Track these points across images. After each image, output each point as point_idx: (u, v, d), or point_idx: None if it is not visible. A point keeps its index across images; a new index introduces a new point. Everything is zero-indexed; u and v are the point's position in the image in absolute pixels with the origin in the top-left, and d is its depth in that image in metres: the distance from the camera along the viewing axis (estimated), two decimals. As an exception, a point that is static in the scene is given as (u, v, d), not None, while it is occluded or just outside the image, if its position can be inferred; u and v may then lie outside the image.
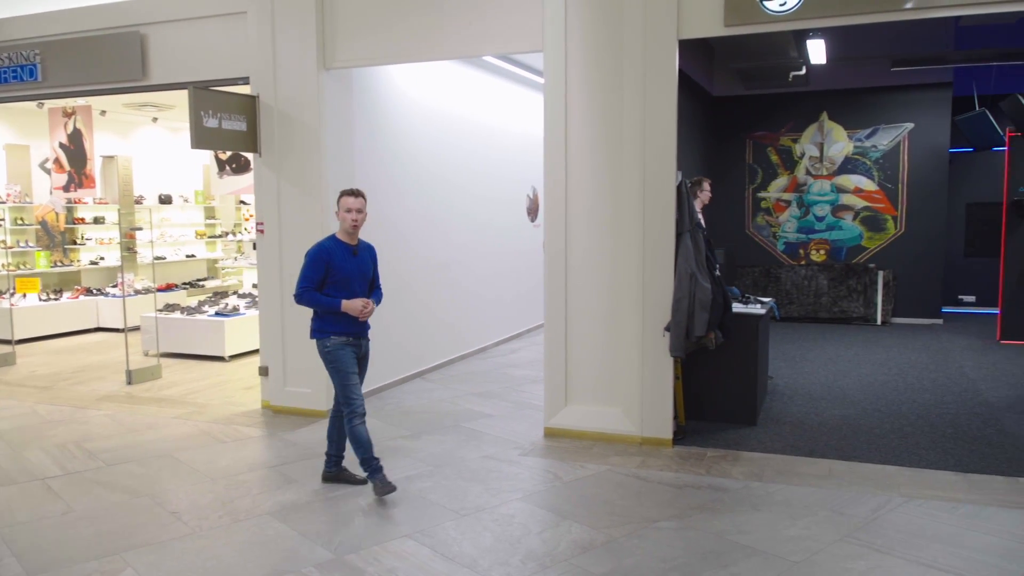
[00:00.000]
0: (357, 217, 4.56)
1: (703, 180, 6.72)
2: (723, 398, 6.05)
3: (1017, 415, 6.20)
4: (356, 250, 4.63)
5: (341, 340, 4.59)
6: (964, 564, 3.66)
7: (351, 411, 4.54)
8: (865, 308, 10.95)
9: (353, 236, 4.62)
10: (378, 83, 7.19)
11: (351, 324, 4.60)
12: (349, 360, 4.59)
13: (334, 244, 4.59)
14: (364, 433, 4.56)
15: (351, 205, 4.54)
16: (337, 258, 4.54)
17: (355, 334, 4.65)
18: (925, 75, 10.62)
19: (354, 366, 4.62)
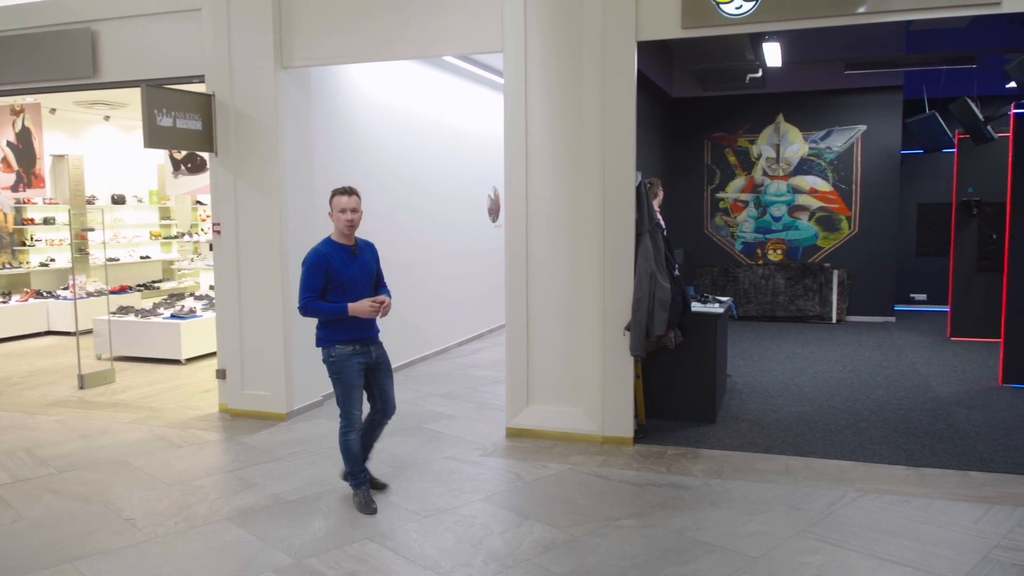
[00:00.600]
0: (352, 217, 4.30)
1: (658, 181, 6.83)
2: (683, 397, 6.12)
3: (966, 410, 6.37)
4: (355, 250, 4.38)
5: (347, 350, 4.33)
6: (916, 556, 3.75)
7: (348, 423, 4.35)
8: (821, 307, 11.15)
9: (350, 237, 4.37)
10: (338, 83, 7.13)
11: (357, 330, 4.34)
12: (354, 372, 4.34)
13: (331, 248, 4.33)
14: (356, 446, 4.40)
15: (344, 204, 4.28)
16: (336, 262, 4.29)
17: (363, 340, 4.38)
18: (877, 78, 10.87)
19: (359, 378, 4.37)
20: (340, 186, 4.39)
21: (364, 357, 4.38)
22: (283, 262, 6.21)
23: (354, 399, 4.35)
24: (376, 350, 4.46)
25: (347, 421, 4.35)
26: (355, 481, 4.45)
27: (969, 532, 4.03)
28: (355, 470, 4.43)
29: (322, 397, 6.76)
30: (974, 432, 5.76)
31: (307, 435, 5.88)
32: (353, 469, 4.43)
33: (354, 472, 4.44)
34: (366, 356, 4.39)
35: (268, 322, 6.28)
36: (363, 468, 4.48)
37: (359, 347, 4.35)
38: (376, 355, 4.45)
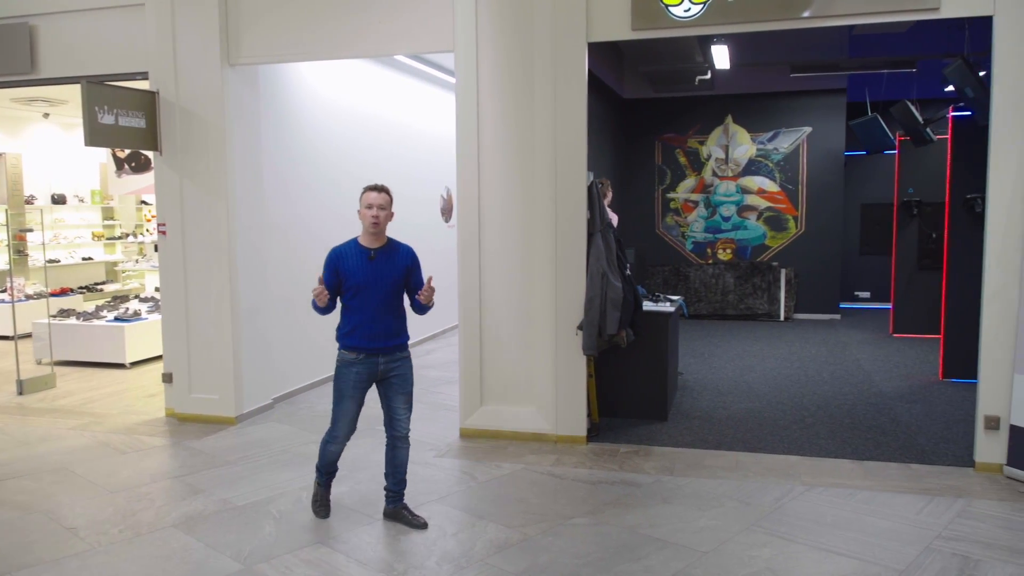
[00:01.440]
0: (379, 215, 4.02)
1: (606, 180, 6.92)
2: (635, 395, 6.17)
3: (908, 404, 6.56)
4: (374, 254, 4.06)
5: (350, 357, 4.05)
6: (861, 548, 3.84)
7: (330, 433, 4.16)
8: (769, 305, 11.36)
9: (375, 237, 4.08)
10: (288, 81, 7.03)
11: (364, 338, 4.02)
12: (348, 383, 4.05)
13: (349, 248, 4.09)
14: (331, 455, 4.22)
15: (372, 201, 4.03)
16: (348, 263, 4.02)
17: (369, 350, 4.03)
18: (822, 81, 11.12)
19: (354, 391, 4.06)
20: (372, 183, 4.17)
21: (368, 368, 4.05)
22: (231, 263, 6.10)
23: (342, 411, 4.09)
24: (388, 363, 4.09)
25: (330, 430, 4.17)
26: (319, 479, 4.33)
27: (911, 523, 4.14)
28: (321, 471, 4.30)
29: (272, 400, 6.66)
30: (916, 425, 5.93)
31: (257, 439, 5.78)
32: (320, 466, 4.28)
33: (320, 471, 4.30)
34: (370, 367, 4.05)
35: (216, 324, 6.16)
36: (331, 472, 4.30)
37: (364, 356, 4.04)
38: (386, 368, 4.09)
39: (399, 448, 4.22)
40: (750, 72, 11.15)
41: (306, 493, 4.65)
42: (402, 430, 4.20)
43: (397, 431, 4.20)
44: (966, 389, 6.85)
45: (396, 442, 4.21)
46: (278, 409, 6.62)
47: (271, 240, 6.70)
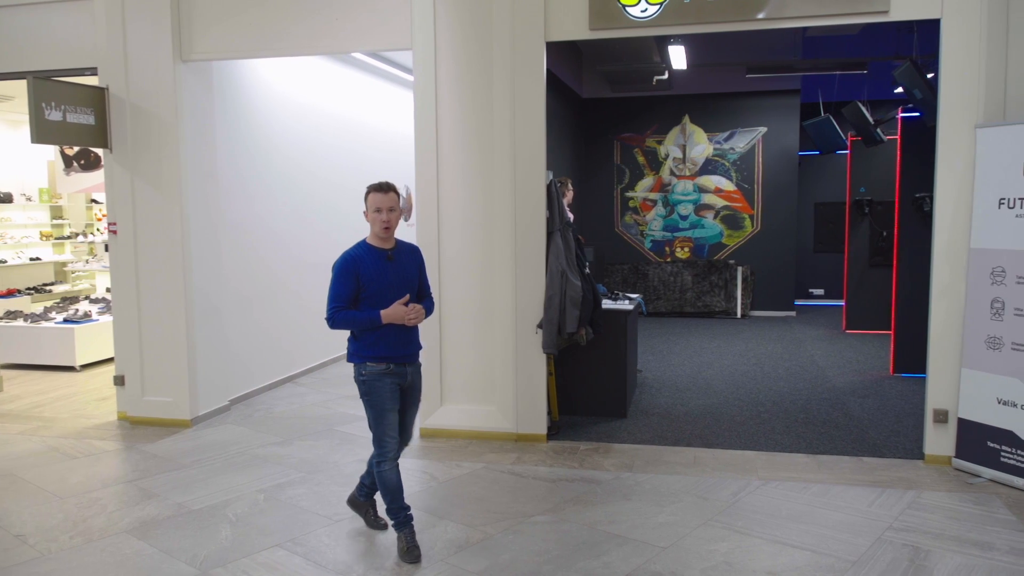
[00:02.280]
0: (389, 218, 3.75)
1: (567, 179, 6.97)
2: (595, 392, 6.21)
3: (860, 399, 6.70)
4: (391, 254, 3.82)
5: (379, 369, 3.75)
6: (815, 540, 3.92)
7: (381, 453, 3.79)
8: (726, 302, 11.52)
9: (387, 240, 3.83)
10: (243, 76, 6.92)
11: (392, 347, 3.76)
12: (387, 394, 3.76)
13: (363, 251, 3.81)
14: (394, 478, 3.80)
15: (380, 203, 3.75)
16: (367, 267, 3.74)
17: (398, 359, 3.79)
18: (776, 82, 11.31)
19: (392, 401, 3.78)
20: (376, 182, 3.86)
21: (399, 378, 3.81)
22: (185, 262, 5.98)
23: (387, 424, 3.78)
24: (413, 373, 3.91)
25: (380, 451, 3.79)
26: (396, 520, 3.83)
27: (864, 515, 4.23)
28: (394, 506, 3.81)
29: (229, 402, 6.55)
30: (868, 419, 6.06)
31: (213, 442, 5.68)
32: (392, 504, 3.81)
33: (393, 509, 3.81)
34: (401, 378, 3.82)
35: (170, 325, 6.04)
36: (403, 506, 3.84)
37: (393, 366, 3.78)
38: (412, 378, 3.90)
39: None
40: (707, 72, 11.29)
41: (264, 495, 4.60)
42: (409, 436, 4.03)
43: (406, 438, 4.00)
44: (916, 383, 7.02)
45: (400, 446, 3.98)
46: (235, 411, 6.52)
47: (226, 239, 6.59)
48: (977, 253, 4.79)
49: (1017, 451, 4.59)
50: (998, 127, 4.67)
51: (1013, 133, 4.59)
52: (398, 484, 3.81)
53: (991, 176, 4.70)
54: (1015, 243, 4.59)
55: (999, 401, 4.69)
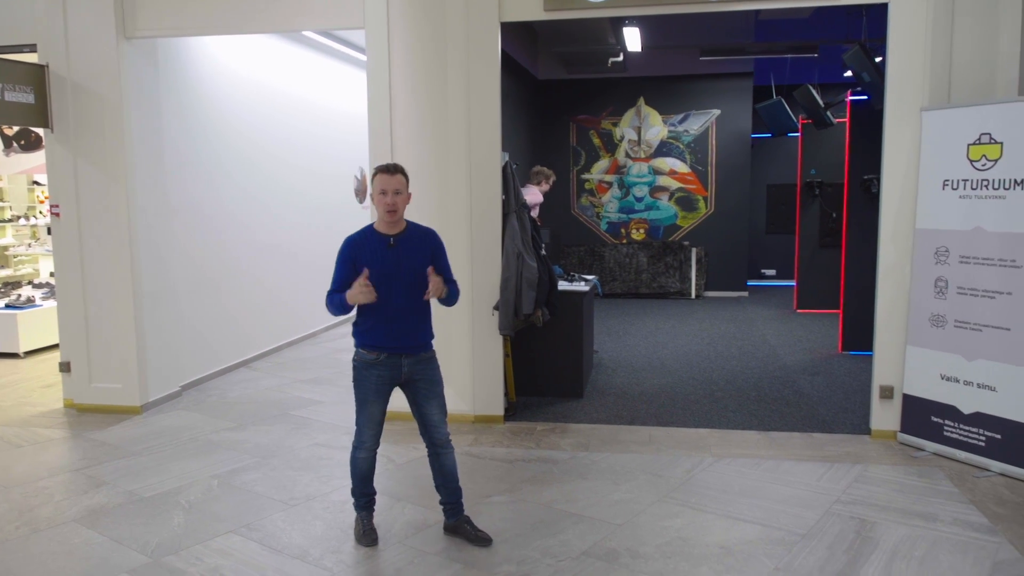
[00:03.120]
0: (394, 201, 3.55)
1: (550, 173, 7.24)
2: (551, 373, 6.24)
3: (810, 376, 6.85)
4: (394, 241, 3.61)
5: (370, 358, 3.62)
6: (766, 515, 4.00)
7: (356, 440, 3.73)
8: (681, 283, 11.66)
9: (393, 224, 3.62)
10: (192, 55, 6.73)
11: (386, 337, 3.60)
12: (371, 385, 3.64)
13: (365, 235, 3.64)
14: (364, 467, 3.75)
15: (385, 185, 3.55)
16: (366, 252, 3.57)
17: (391, 349, 3.61)
18: (729, 65, 11.41)
19: (376, 394, 3.65)
20: (382, 163, 3.70)
21: (390, 371, 3.63)
22: (132, 245, 5.84)
23: (365, 415, 3.69)
24: (412, 365, 3.66)
25: (356, 438, 3.74)
26: (356, 503, 3.83)
27: (813, 489, 4.34)
28: (356, 490, 3.80)
29: (180, 387, 6.44)
30: (817, 397, 6.20)
31: (164, 428, 5.58)
32: (355, 489, 3.81)
33: (355, 492, 3.81)
34: (393, 370, 3.64)
35: (117, 310, 5.90)
36: (367, 491, 3.81)
37: (385, 357, 3.62)
38: (411, 371, 3.66)
39: (443, 456, 3.78)
40: (661, 55, 11.34)
41: (217, 481, 4.54)
42: (441, 436, 3.76)
43: (436, 439, 3.76)
44: (863, 361, 7.20)
45: (438, 450, 3.77)
46: (186, 397, 6.41)
47: (175, 221, 6.44)
48: (922, 234, 4.91)
49: (959, 425, 4.74)
50: (942, 110, 4.78)
51: (957, 116, 4.70)
52: (367, 473, 3.77)
53: (935, 158, 4.81)
54: (958, 224, 4.72)
55: (942, 377, 4.83)
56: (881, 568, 3.43)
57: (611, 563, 3.51)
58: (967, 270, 4.69)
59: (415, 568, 3.52)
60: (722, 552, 3.60)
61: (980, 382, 4.63)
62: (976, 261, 4.64)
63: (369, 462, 3.76)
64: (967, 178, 4.66)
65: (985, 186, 4.57)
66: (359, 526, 3.80)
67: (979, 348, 4.63)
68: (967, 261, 4.68)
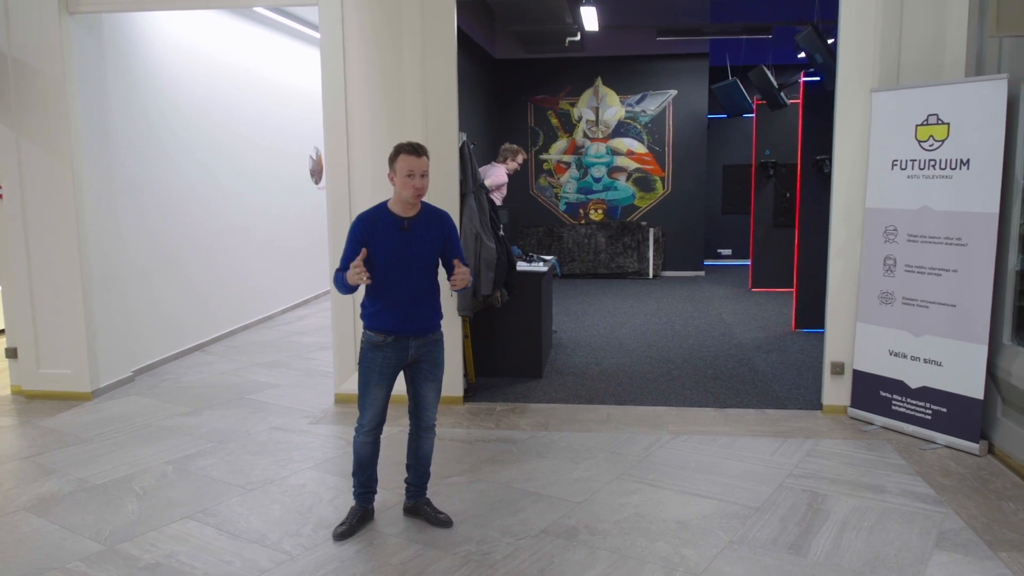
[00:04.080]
0: (422, 184, 3.41)
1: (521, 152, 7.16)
2: (511, 354, 6.26)
3: (764, 354, 6.98)
4: (408, 224, 3.48)
5: (377, 339, 3.53)
6: (722, 489, 4.08)
7: (358, 423, 3.66)
8: (639, 263, 11.75)
9: (412, 207, 3.50)
10: (141, 31, 6.53)
11: (395, 320, 3.51)
12: (376, 368, 3.55)
13: (378, 214, 3.50)
14: (365, 452, 3.68)
15: (413, 168, 3.38)
16: (378, 233, 3.44)
17: (399, 332, 3.53)
18: (686, 46, 11.47)
19: (381, 376, 3.56)
20: (406, 142, 3.49)
21: (396, 353, 3.55)
22: (79, 227, 5.68)
23: (369, 398, 3.61)
24: (420, 347, 3.59)
25: (359, 420, 3.66)
26: (353, 490, 3.76)
27: (766, 464, 4.43)
28: (355, 477, 3.73)
29: (133, 373, 6.31)
30: (771, 373, 6.32)
31: (116, 414, 5.47)
32: (353, 476, 3.74)
33: (353, 479, 3.74)
34: (400, 352, 3.55)
35: (65, 293, 5.75)
36: (363, 480, 3.73)
37: (393, 339, 3.53)
38: (418, 352, 3.60)
39: (423, 439, 3.76)
40: (618, 35, 11.34)
41: (172, 467, 4.47)
42: (429, 419, 3.74)
43: (423, 421, 3.74)
44: (815, 338, 7.35)
45: (421, 432, 3.75)
46: (139, 382, 6.29)
47: (125, 202, 6.28)
48: (872, 213, 5.02)
49: (907, 399, 4.88)
50: (892, 91, 4.87)
51: (905, 97, 4.79)
52: (366, 459, 3.70)
53: (885, 139, 4.91)
54: (906, 203, 4.83)
55: (890, 353, 4.96)
56: (832, 539, 3.53)
57: (570, 540, 3.55)
58: (915, 248, 4.80)
59: (375, 549, 3.52)
60: (679, 527, 3.66)
61: (927, 357, 4.76)
62: (923, 239, 4.76)
63: (370, 447, 3.68)
64: (915, 158, 4.76)
65: (932, 166, 4.68)
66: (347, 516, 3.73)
67: (926, 324, 4.76)
68: (915, 240, 4.80)
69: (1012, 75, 4.36)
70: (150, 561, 3.41)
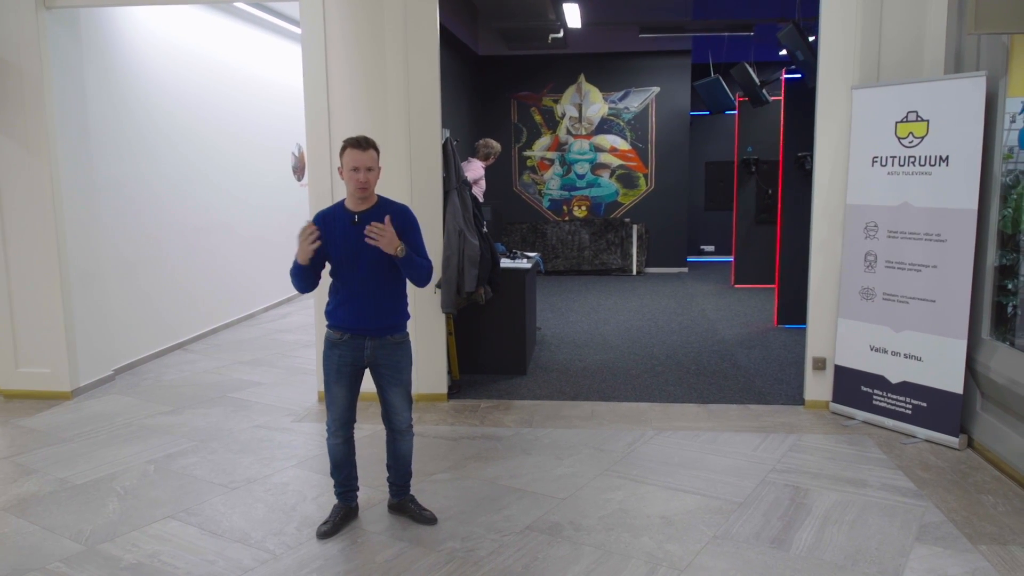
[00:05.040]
0: (367, 178, 3.39)
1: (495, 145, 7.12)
2: (495, 351, 6.25)
3: (747, 350, 7.02)
4: (358, 218, 3.45)
5: (335, 336, 3.53)
6: (705, 484, 4.10)
7: (327, 424, 3.65)
8: (622, 260, 11.78)
9: (362, 201, 3.47)
10: (119, 26, 6.46)
11: (350, 317, 3.50)
12: (332, 366, 3.54)
13: (334, 211, 3.52)
14: (337, 454, 3.67)
15: (357, 161, 3.37)
16: (331, 228, 3.45)
17: (354, 330, 3.51)
18: (668, 43, 11.51)
19: (338, 375, 3.54)
20: (352, 136, 3.47)
21: (352, 352, 3.53)
22: (58, 225, 5.62)
23: (331, 396, 3.60)
24: (376, 348, 3.55)
25: (327, 421, 3.67)
26: (334, 489, 3.77)
27: (749, 459, 4.46)
28: (332, 477, 3.74)
29: (113, 371, 6.25)
30: (754, 369, 6.36)
31: (97, 413, 5.42)
32: (331, 476, 3.74)
33: (332, 478, 3.74)
34: (356, 351, 3.53)
35: (43, 291, 5.68)
36: (339, 479, 3.73)
37: (349, 337, 3.52)
38: (375, 354, 3.56)
39: (400, 441, 3.74)
40: (601, 31, 11.36)
41: (154, 466, 4.44)
42: (401, 424, 3.70)
43: (395, 424, 3.71)
44: (797, 334, 7.40)
45: (395, 435, 3.73)
46: (120, 380, 6.23)
47: (104, 198, 6.22)
48: (852, 209, 5.06)
49: (888, 394, 4.92)
50: (872, 88, 4.91)
51: (885, 94, 4.83)
52: (339, 460, 3.69)
53: (865, 135, 4.94)
54: (886, 199, 4.87)
55: (871, 348, 5.00)
56: (814, 533, 3.55)
57: (554, 536, 3.56)
58: (895, 244, 4.84)
59: (359, 547, 3.51)
60: (662, 522, 3.68)
61: (907, 352, 4.81)
62: (903, 236, 4.80)
63: (340, 449, 3.66)
64: (895, 155, 4.80)
65: (912, 163, 4.72)
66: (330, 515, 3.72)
67: (906, 320, 4.80)
68: (895, 236, 4.84)
69: (990, 72, 4.40)
70: (132, 561, 3.39)
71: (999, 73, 4.39)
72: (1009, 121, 4.35)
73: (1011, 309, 4.43)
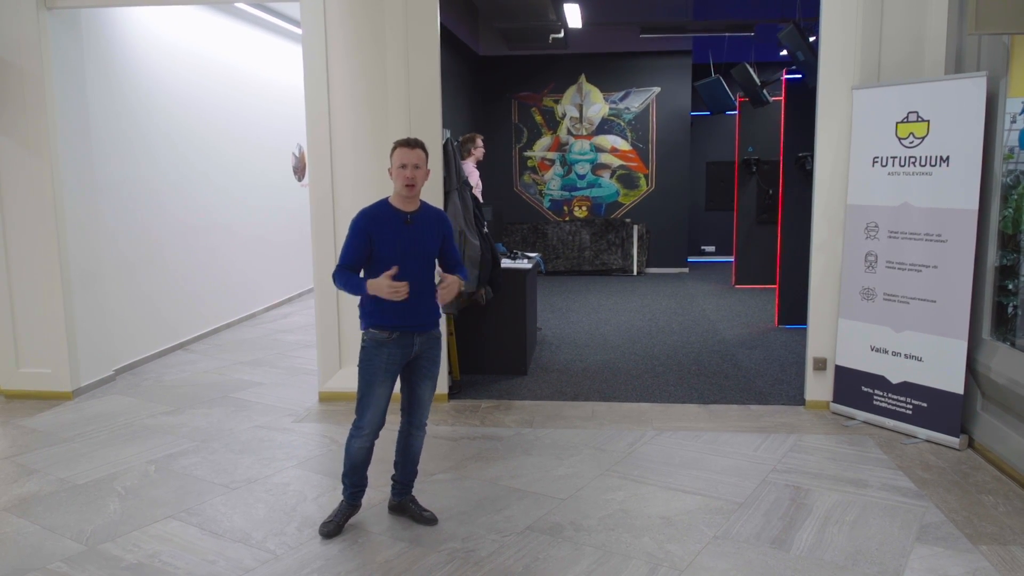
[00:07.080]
0: (414, 175, 3.45)
1: (476, 136, 6.93)
2: (495, 351, 6.26)
3: (748, 350, 7.02)
4: (410, 219, 3.51)
5: (382, 336, 3.50)
6: (706, 485, 4.10)
7: (356, 426, 3.59)
8: (623, 260, 11.78)
9: (410, 200, 3.52)
10: (120, 26, 6.46)
11: (398, 315, 3.49)
12: (379, 367, 3.51)
13: (380, 209, 3.52)
14: (357, 454, 3.62)
15: (406, 159, 3.44)
16: (383, 228, 3.46)
17: (404, 328, 3.52)
18: (669, 43, 11.51)
19: (386, 375, 3.53)
20: (403, 136, 3.59)
21: (401, 349, 3.53)
22: (59, 225, 5.62)
23: (372, 398, 3.55)
24: (423, 343, 3.60)
25: (356, 422, 3.59)
26: (343, 490, 3.72)
27: (750, 459, 4.46)
28: (346, 479, 3.68)
29: (114, 371, 6.26)
30: (754, 369, 6.36)
31: (97, 413, 5.43)
32: (345, 476, 3.68)
33: (345, 479, 3.69)
34: (405, 348, 3.54)
35: (44, 291, 5.69)
36: (356, 481, 3.70)
37: (398, 335, 3.52)
38: (421, 348, 3.60)
39: (414, 436, 3.73)
40: (602, 32, 11.36)
41: (154, 466, 4.44)
42: (422, 418, 3.71)
43: (416, 419, 3.70)
44: (798, 334, 7.40)
45: (413, 430, 3.71)
46: (121, 381, 6.23)
47: (105, 199, 6.23)
48: (853, 209, 5.06)
49: (888, 394, 4.92)
50: (872, 89, 4.91)
51: (886, 95, 4.83)
52: (360, 463, 3.65)
53: (866, 136, 4.94)
54: (887, 199, 4.87)
55: (872, 348, 5.00)
56: (815, 533, 3.55)
57: (555, 536, 3.56)
58: (895, 245, 4.84)
59: (360, 547, 3.51)
60: (663, 522, 3.68)
61: (908, 352, 4.81)
62: (904, 236, 4.80)
63: (366, 452, 3.64)
64: (895, 155, 4.80)
65: (912, 163, 4.72)
66: (333, 512, 3.72)
67: (907, 320, 4.80)
68: (895, 236, 4.84)
69: (991, 73, 4.40)
70: (132, 561, 3.39)
71: (1000, 73, 4.39)
72: (1010, 121, 4.35)
73: (1011, 309, 4.43)
